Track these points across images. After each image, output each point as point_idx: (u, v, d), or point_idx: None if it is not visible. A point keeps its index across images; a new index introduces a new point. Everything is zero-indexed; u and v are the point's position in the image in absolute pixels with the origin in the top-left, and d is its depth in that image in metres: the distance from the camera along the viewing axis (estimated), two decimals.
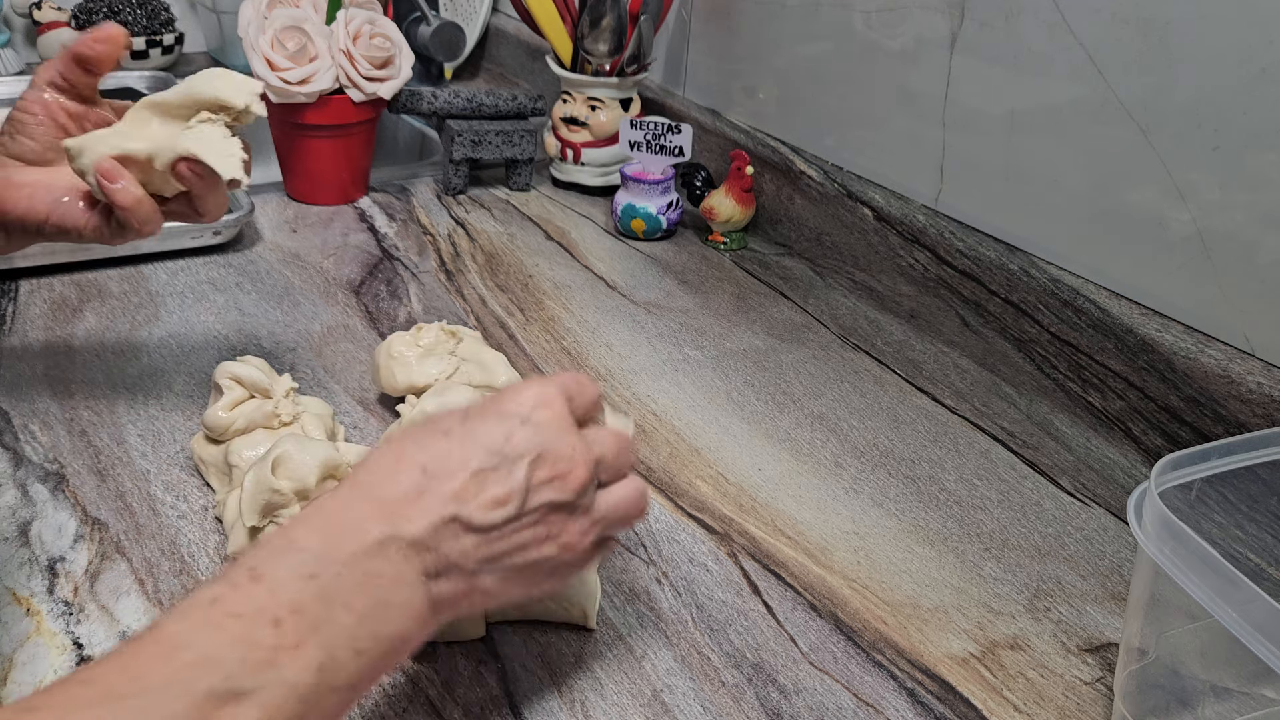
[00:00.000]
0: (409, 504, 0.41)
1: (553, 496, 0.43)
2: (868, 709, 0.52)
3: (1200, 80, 0.68)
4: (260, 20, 0.99)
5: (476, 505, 0.41)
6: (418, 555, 0.40)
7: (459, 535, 0.41)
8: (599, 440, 0.46)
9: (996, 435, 0.76)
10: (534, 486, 0.43)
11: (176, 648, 0.35)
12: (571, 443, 0.44)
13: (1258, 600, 0.41)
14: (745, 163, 1.02)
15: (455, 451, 0.42)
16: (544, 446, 0.43)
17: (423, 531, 0.40)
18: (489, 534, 0.42)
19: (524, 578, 0.44)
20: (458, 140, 1.09)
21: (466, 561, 0.42)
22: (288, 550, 0.39)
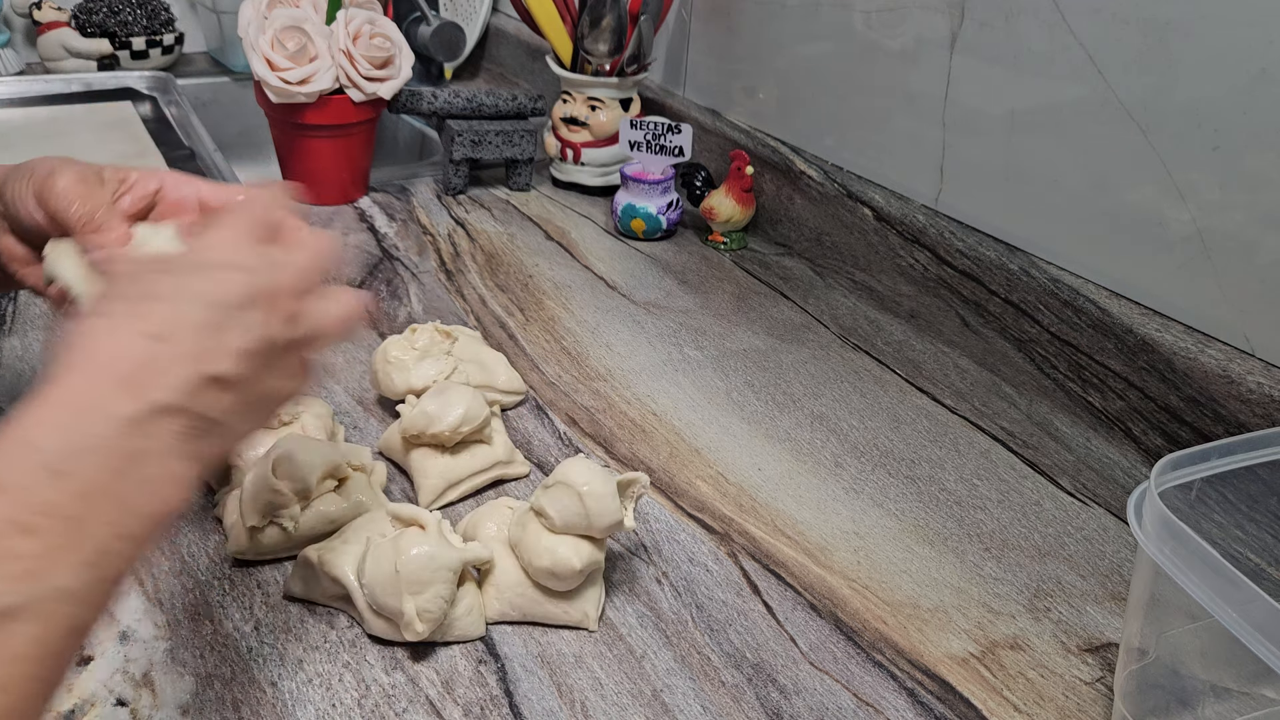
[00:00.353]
0: (149, 373, 0.38)
1: (282, 332, 0.43)
2: (868, 709, 0.52)
3: (1200, 80, 0.68)
4: (260, 20, 0.99)
5: (223, 359, 0.40)
6: (181, 423, 0.39)
7: (218, 395, 0.40)
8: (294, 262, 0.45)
9: (996, 435, 0.76)
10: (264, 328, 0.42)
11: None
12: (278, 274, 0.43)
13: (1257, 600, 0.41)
14: (745, 163, 1.02)
15: (174, 312, 0.40)
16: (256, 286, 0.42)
17: (175, 397, 0.38)
18: (241, 385, 0.41)
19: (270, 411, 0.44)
20: (458, 140, 1.09)
21: (226, 415, 0.41)
22: (26, 450, 0.36)
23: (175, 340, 0.39)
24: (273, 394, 0.44)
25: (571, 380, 0.80)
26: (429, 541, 0.53)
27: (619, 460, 0.70)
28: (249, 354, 0.41)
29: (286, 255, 0.45)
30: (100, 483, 0.36)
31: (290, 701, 0.50)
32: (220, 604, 0.56)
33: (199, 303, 0.41)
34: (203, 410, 0.39)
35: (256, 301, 0.42)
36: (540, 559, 0.54)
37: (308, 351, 0.46)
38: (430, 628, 0.52)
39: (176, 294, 0.41)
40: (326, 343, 0.47)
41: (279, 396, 0.45)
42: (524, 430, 0.73)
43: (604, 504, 0.55)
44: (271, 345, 0.42)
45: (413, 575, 0.51)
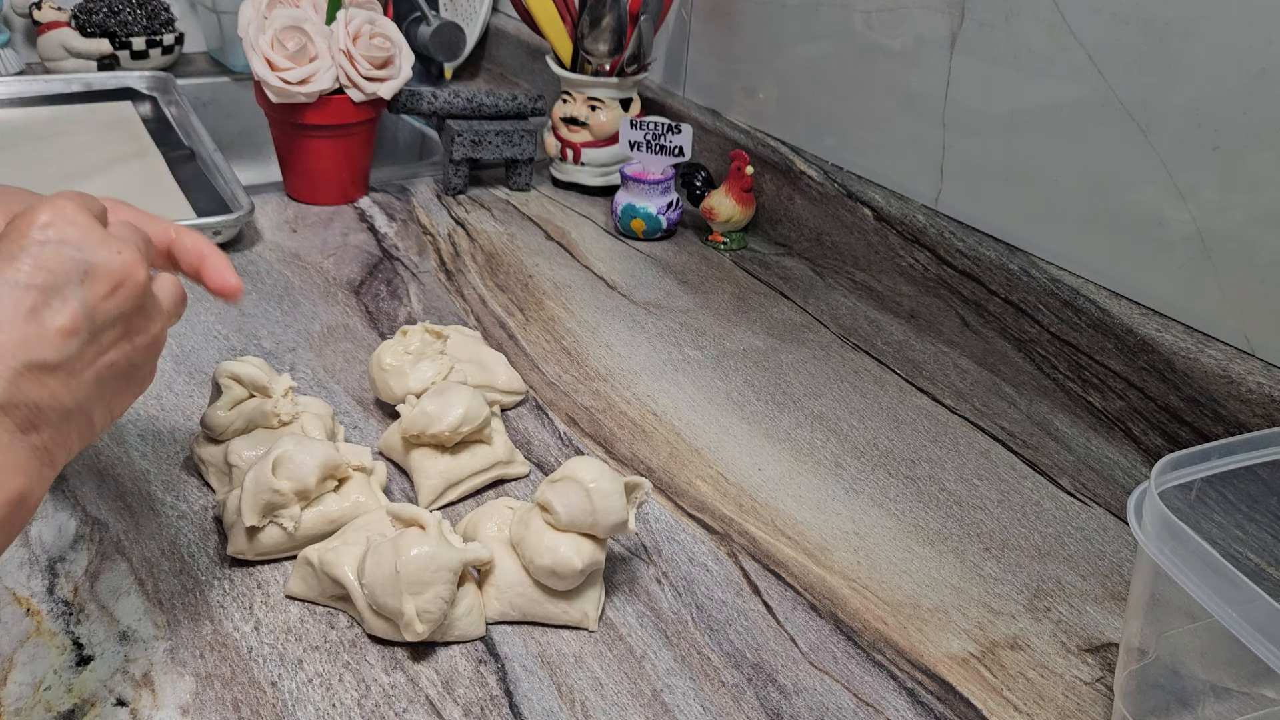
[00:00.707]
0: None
1: (120, 307, 0.42)
2: (868, 709, 0.52)
3: (1200, 80, 0.68)
4: (260, 20, 0.99)
5: (45, 345, 0.39)
6: (5, 415, 0.38)
7: (42, 380, 0.39)
8: (127, 232, 0.44)
9: (996, 435, 0.76)
10: (95, 304, 0.41)
11: None
12: (114, 246, 0.42)
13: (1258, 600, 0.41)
14: (745, 163, 1.02)
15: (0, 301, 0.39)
16: (88, 259, 0.41)
17: (2, 393, 0.38)
18: (71, 368, 0.40)
19: (123, 390, 0.44)
20: (458, 140, 1.09)
21: (60, 402, 0.40)
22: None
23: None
24: (119, 371, 0.43)
25: (571, 380, 0.80)
26: (429, 542, 0.53)
27: (619, 460, 0.70)
28: (72, 332, 0.40)
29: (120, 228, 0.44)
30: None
31: (290, 701, 0.50)
32: (220, 604, 0.56)
33: (15, 285, 0.40)
34: (30, 400, 0.39)
35: (81, 277, 0.41)
36: (542, 557, 0.54)
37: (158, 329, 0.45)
38: (430, 628, 0.52)
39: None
40: (171, 320, 0.46)
41: (141, 370, 0.44)
42: (524, 430, 0.73)
43: (610, 502, 0.55)
44: (99, 321, 0.41)
45: (413, 576, 0.51)
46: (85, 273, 0.41)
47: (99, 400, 0.42)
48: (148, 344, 0.44)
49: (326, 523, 0.59)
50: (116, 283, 0.42)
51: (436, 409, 0.64)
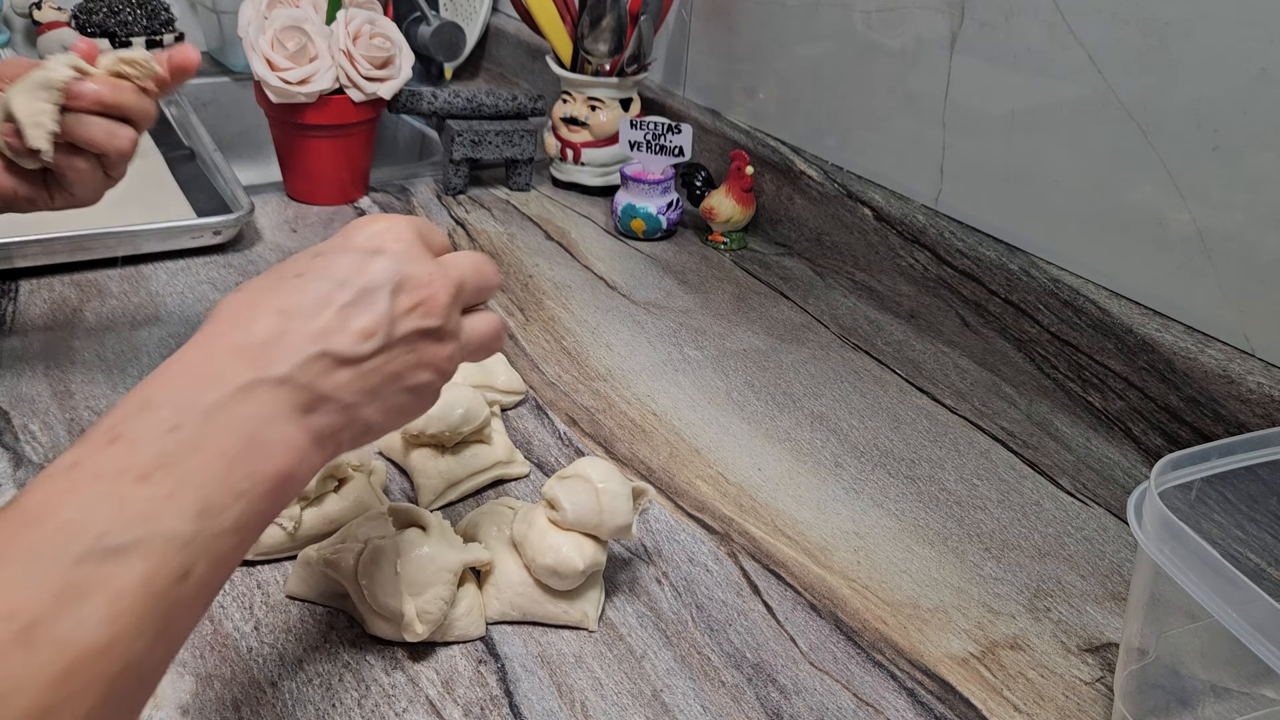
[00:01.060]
0: (272, 347, 0.40)
1: (419, 323, 0.44)
2: (868, 709, 0.52)
3: (1200, 80, 0.68)
4: (260, 20, 0.99)
5: (344, 338, 0.41)
6: (287, 392, 0.40)
7: (331, 370, 0.41)
8: (456, 264, 0.46)
9: (996, 435, 0.76)
10: (398, 315, 0.43)
11: (41, 516, 0.34)
12: (429, 268, 0.44)
13: (1258, 600, 0.41)
14: (745, 163, 1.02)
15: (312, 290, 0.42)
16: (402, 274, 0.43)
17: (290, 369, 0.40)
18: (360, 365, 0.42)
19: (403, 406, 0.45)
20: (458, 140, 1.09)
21: (342, 395, 0.42)
22: (145, 408, 0.38)
23: (304, 316, 0.41)
24: (415, 386, 0.45)
25: (571, 380, 0.80)
26: (430, 543, 0.53)
27: (619, 460, 0.70)
28: (370, 334, 0.42)
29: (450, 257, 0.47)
30: (211, 441, 0.37)
31: (290, 701, 0.50)
32: (220, 604, 0.56)
33: (333, 281, 0.42)
34: (313, 384, 0.40)
35: (393, 287, 0.43)
36: (544, 556, 0.54)
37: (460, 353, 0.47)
38: (430, 629, 0.52)
39: (318, 273, 0.43)
40: (471, 355, 0.48)
41: (424, 390, 0.45)
42: (524, 430, 0.73)
43: (618, 504, 0.55)
44: (398, 331, 0.43)
45: (413, 576, 0.51)
46: (398, 285, 0.43)
47: (378, 406, 0.44)
48: (435, 366, 0.45)
49: (326, 523, 0.59)
50: (420, 300, 0.44)
51: (437, 409, 0.64)
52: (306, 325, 0.41)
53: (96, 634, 0.32)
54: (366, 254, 0.43)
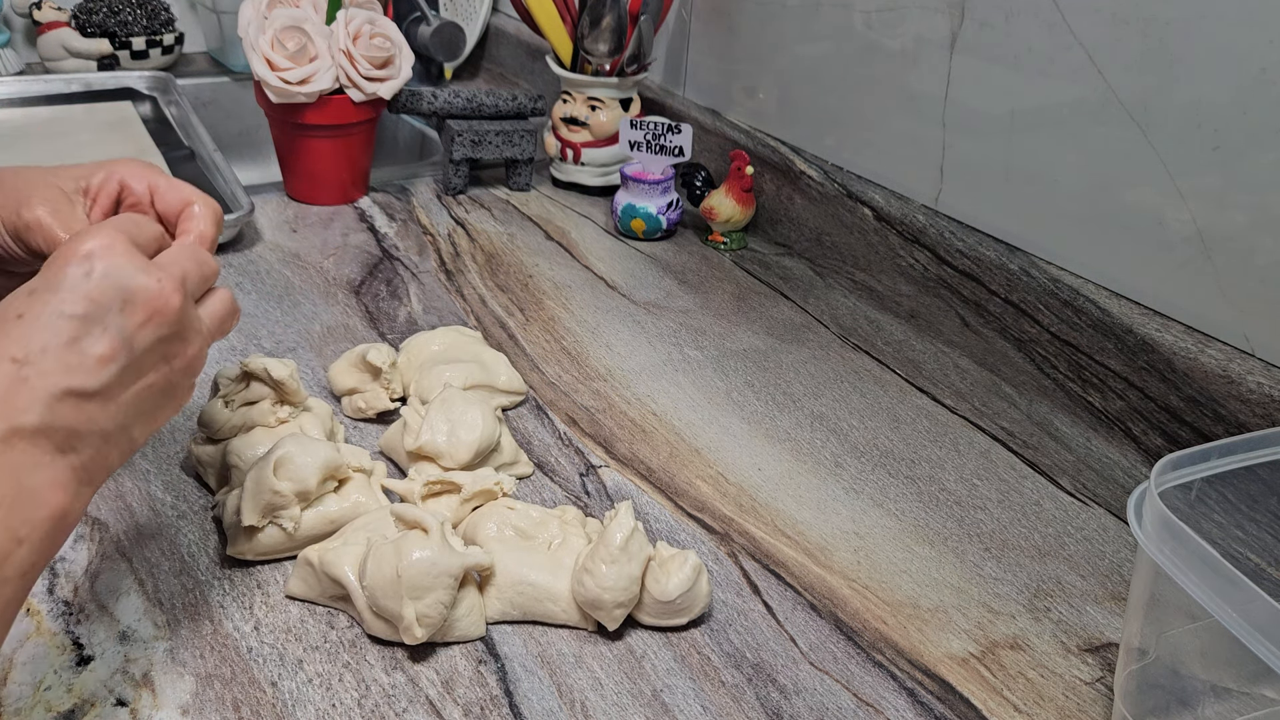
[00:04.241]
0: (14, 396, 0.40)
1: (156, 333, 0.43)
2: (868, 709, 0.52)
3: (1200, 80, 0.68)
4: (260, 20, 0.99)
5: (83, 372, 0.41)
6: (45, 439, 0.40)
7: (80, 405, 0.41)
8: (175, 261, 0.46)
9: (996, 435, 0.76)
10: (132, 332, 0.42)
11: None
12: (151, 275, 0.43)
13: (1258, 600, 0.41)
14: (745, 163, 1.02)
15: (36, 331, 0.41)
16: (125, 288, 0.42)
17: (40, 417, 0.40)
18: (109, 393, 0.42)
19: (163, 407, 0.45)
20: (458, 140, 1.09)
21: (98, 424, 0.42)
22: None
23: (37, 358, 0.40)
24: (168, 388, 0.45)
25: (571, 380, 0.80)
26: (431, 546, 0.52)
27: (619, 460, 0.70)
28: (110, 359, 0.42)
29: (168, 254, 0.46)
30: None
31: (290, 701, 0.50)
32: (220, 604, 0.56)
33: (56, 314, 0.41)
34: (67, 423, 0.41)
35: (120, 305, 0.42)
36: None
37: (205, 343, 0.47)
38: (429, 633, 0.52)
39: (40, 311, 0.41)
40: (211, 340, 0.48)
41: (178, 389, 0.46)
42: (524, 430, 0.73)
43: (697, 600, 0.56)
44: (137, 347, 0.42)
45: (414, 580, 0.51)
46: (124, 301, 0.42)
47: (137, 419, 0.44)
48: (185, 366, 0.45)
49: (326, 523, 0.59)
50: (153, 311, 0.43)
51: (448, 443, 0.64)
52: (41, 366, 0.40)
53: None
54: (81, 278, 0.42)
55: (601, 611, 0.54)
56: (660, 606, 0.55)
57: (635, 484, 0.68)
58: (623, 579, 0.54)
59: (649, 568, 0.55)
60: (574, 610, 0.55)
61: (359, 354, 0.72)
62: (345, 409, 0.73)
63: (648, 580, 0.55)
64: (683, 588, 0.54)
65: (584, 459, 0.70)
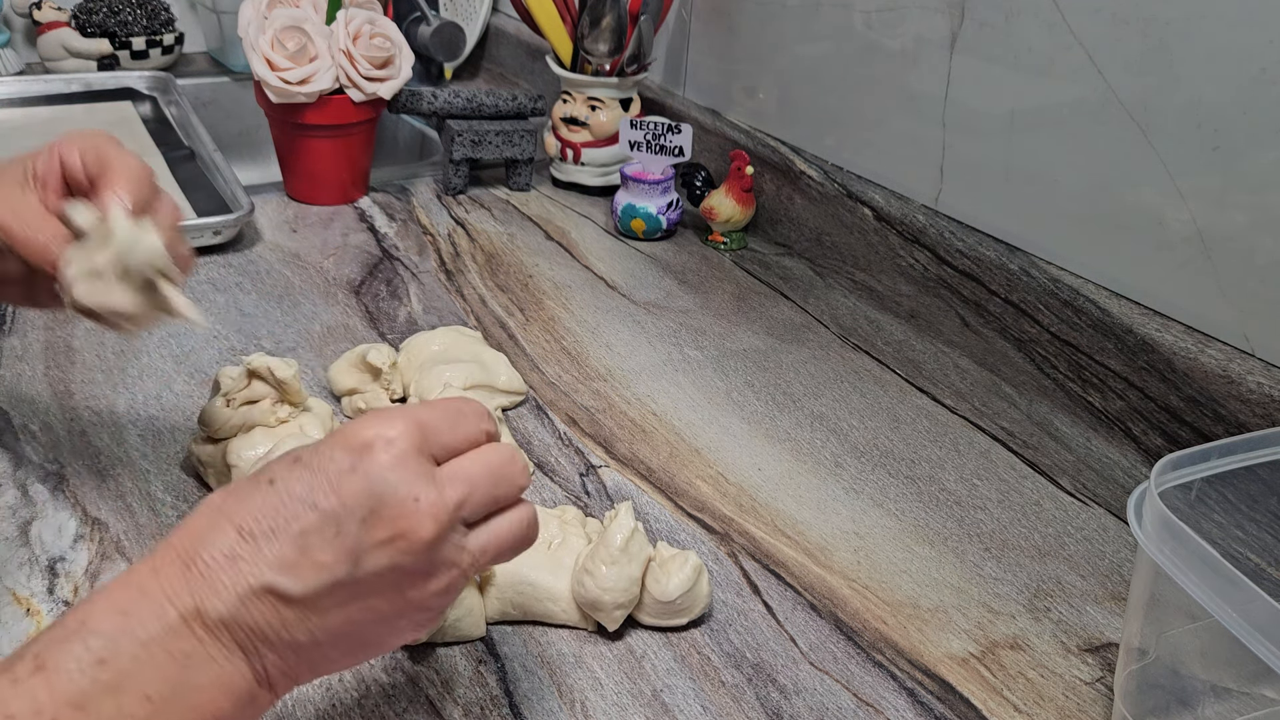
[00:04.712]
0: (220, 571, 0.36)
1: (393, 559, 0.37)
2: (867, 709, 0.52)
3: (1200, 80, 0.68)
4: (260, 20, 0.99)
5: (295, 573, 0.36)
6: (226, 631, 0.36)
7: (276, 608, 0.36)
8: (461, 476, 0.39)
9: (996, 435, 0.76)
10: (367, 548, 0.37)
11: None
12: (416, 491, 0.37)
13: (1258, 600, 0.41)
14: (745, 163, 1.02)
15: (276, 508, 0.37)
16: (380, 498, 0.37)
17: (229, 607, 0.36)
18: (313, 603, 0.37)
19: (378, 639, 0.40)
20: (458, 140, 1.09)
21: (291, 634, 0.37)
22: (79, 633, 0.34)
23: (261, 539, 0.37)
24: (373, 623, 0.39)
25: (571, 380, 0.80)
26: None
27: (619, 460, 0.70)
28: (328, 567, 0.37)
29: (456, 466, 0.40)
30: (136, 681, 0.34)
31: (290, 701, 0.50)
32: None
33: (300, 499, 0.37)
34: (255, 623, 0.36)
35: (367, 513, 0.37)
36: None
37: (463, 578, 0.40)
38: (425, 637, 0.52)
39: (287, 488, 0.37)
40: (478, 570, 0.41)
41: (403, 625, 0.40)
42: (524, 430, 0.73)
43: (697, 601, 0.56)
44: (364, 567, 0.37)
45: None
46: (372, 509, 0.37)
47: (343, 642, 0.38)
48: (422, 600, 0.39)
49: None
50: (399, 532, 0.37)
51: None
52: (260, 551, 0.36)
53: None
54: (347, 466, 0.37)
55: (601, 612, 0.54)
56: (660, 607, 0.55)
57: (635, 484, 0.68)
58: (623, 580, 0.54)
59: (649, 568, 0.55)
60: (574, 610, 0.56)
61: (359, 354, 0.72)
62: (345, 409, 0.73)
63: (648, 580, 0.55)
64: (683, 588, 0.54)
65: (584, 459, 0.70)
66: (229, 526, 0.37)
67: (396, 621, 0.39)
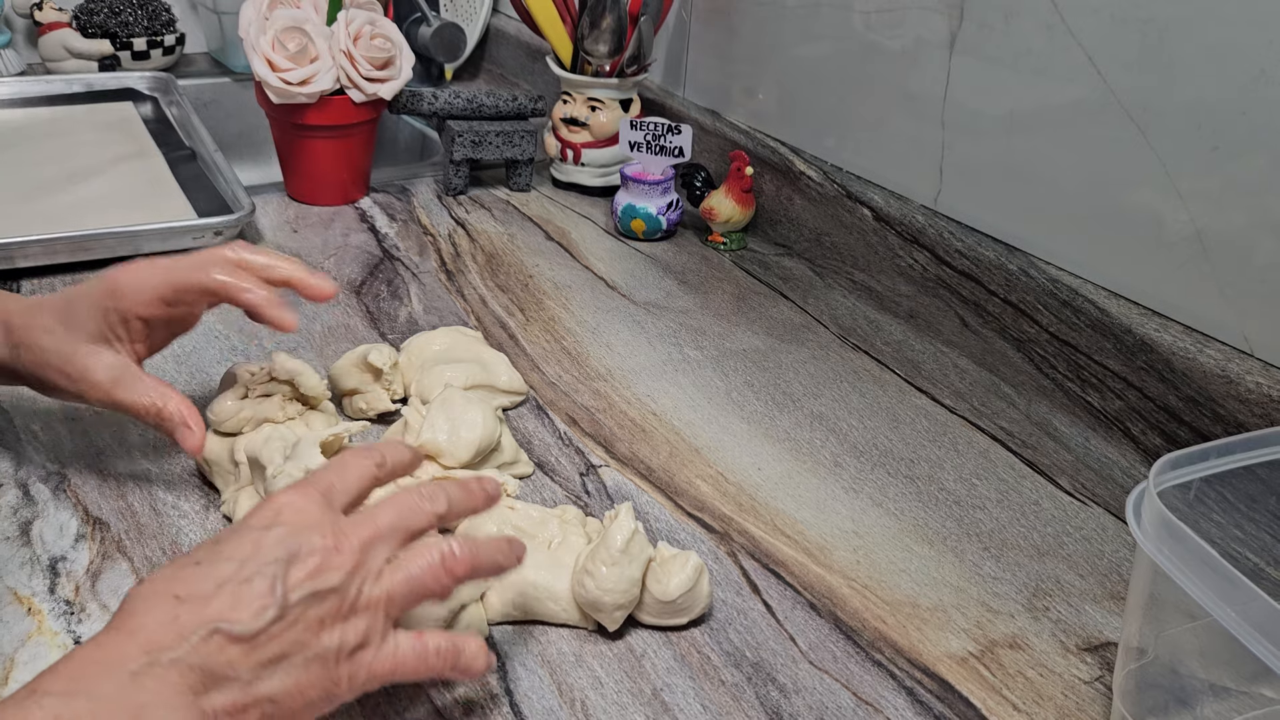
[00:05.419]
0: (165, 631, 0.40)
1: (313, 586, 0.42)
2: (867, 708, 0.53)
3: (1199, 81, 0.68)
4: (261, 21, 1.00)
5: (235, 615, 0.41)
6: (179, 674, 0.39)
7: (223, 647, 0.40)
8: (365, 516, 0.45)
9: (995, 435, 0.76)
10: (292, 585, 0.42)
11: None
12: (325, 533, 0.43)
13: (1256, 600, 0.41)
14: (745, 163, 1.02)
15: (207, 574, 0.42)
16: (295, 546, 0.43)
17: (182, 652, 0.39)
18: (254, 640, 0.41)
19: (313, 678, 0.43)
20: (458, 141, 1.10)
21: (236, 671, 0.40)
22: (31, 696, 0.37)
23: (196, 600, 0.41)
24: (326, 650, 0.43)
25: (572, 380, 0.80)
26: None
27: (619, 460, 0.70)
28: (263, 608, 0.41)
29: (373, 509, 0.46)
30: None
31: None
32: None
33: (229, 561, 0.42)
34: (206, 663, 0.40)
35: (287, 559, 0.42)
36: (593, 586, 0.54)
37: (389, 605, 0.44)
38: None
39: (213, 557, 0.42)
40: (416, 596, 0.45)
41: (342, 651, 0.43)
42: (524, 430, 0.73)
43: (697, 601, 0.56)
44: (291, 599, 0.42)
45: (408, 612, 0.51)
46: (291, 555, 0.42)
47: (281, 679, 0.42)
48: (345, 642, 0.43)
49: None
50: (315, 569, 0.43)
51: (448, 442, 0.64)
52: (200, 608, 0.40)
53: None
54: (263, 531, 0.43)
55: (602, 613, 0.54)
56: (661, 606, 0.55)
57: (635, 483, 0.68)
58: (623, 581, 0.54)
59: (650, 568, 0.55)
60: (574, 609, 0.56)
61: (360, 355, 0.72)
62: (347, 409, 0.73)
63: (649, 580, 0.55)
64: (684, 588, 0.55)
65: (584, 458, 0.70)
66: (166, 598, 0.41)
67: (323, 653, 0.43)
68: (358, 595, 0.44)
